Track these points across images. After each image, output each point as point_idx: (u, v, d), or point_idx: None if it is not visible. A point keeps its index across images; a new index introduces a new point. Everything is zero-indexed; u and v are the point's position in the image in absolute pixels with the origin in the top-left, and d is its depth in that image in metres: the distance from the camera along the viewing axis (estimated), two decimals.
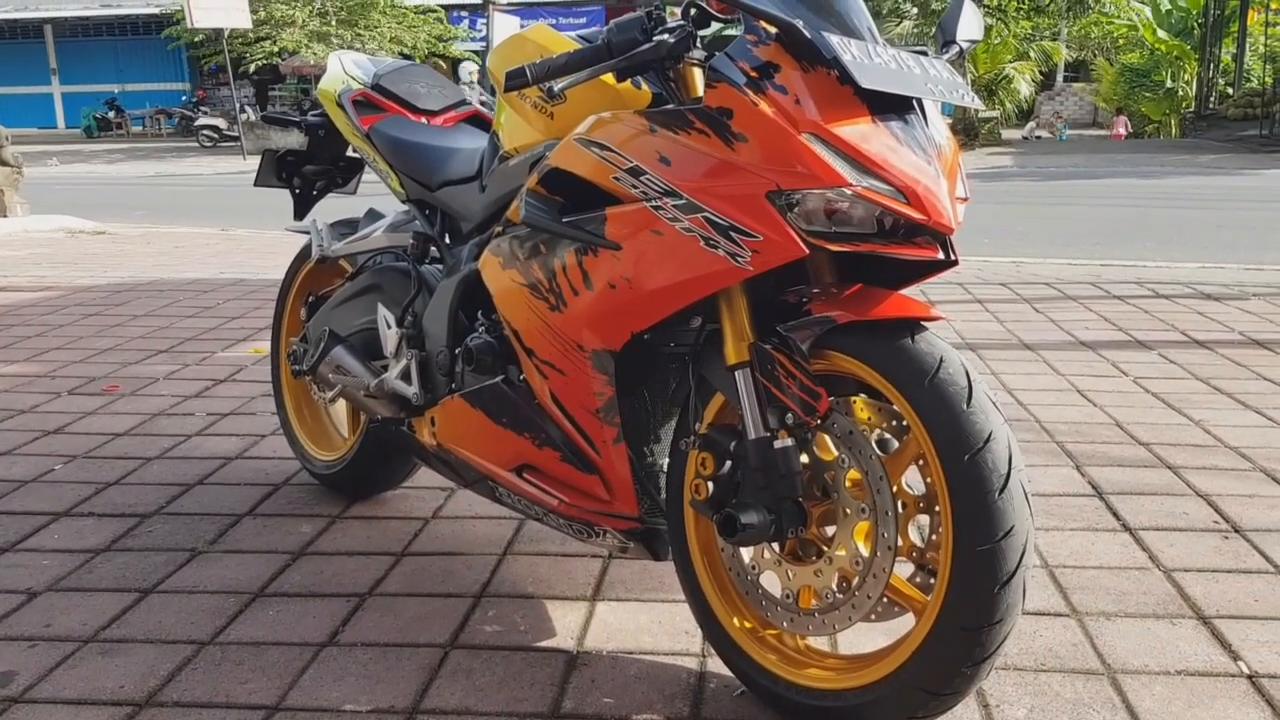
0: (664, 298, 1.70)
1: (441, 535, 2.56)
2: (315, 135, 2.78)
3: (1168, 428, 3.25)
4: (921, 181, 1.56)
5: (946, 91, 1.63)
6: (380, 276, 2.46)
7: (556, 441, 1.94)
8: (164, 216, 10.73)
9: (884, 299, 1.64)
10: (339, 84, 2.56)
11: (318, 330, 2.52)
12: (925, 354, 1.57)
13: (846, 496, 1.65)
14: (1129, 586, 2.22)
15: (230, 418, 3.50)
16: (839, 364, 1.65)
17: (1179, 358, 4.14)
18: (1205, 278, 5.94)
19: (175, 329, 4.87)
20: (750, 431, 1.67)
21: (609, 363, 1.81)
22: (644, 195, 1.68)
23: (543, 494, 2.00)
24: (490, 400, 2.04)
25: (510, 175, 2.06)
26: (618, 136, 1.72)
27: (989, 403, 1.55)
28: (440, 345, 2.18)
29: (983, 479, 1.50)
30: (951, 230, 1.59)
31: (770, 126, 1.56)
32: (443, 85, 2.62)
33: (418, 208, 2.41)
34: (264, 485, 2.90)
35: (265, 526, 2.63)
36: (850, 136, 1.55)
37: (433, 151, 2.37)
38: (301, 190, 2.88)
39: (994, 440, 1.52)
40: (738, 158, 1.58)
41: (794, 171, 1.55)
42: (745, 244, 1.58)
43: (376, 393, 2.31)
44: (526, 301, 1.91)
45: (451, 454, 2.19)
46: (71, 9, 30.76)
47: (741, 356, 1.69)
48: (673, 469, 1.88)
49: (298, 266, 2.88)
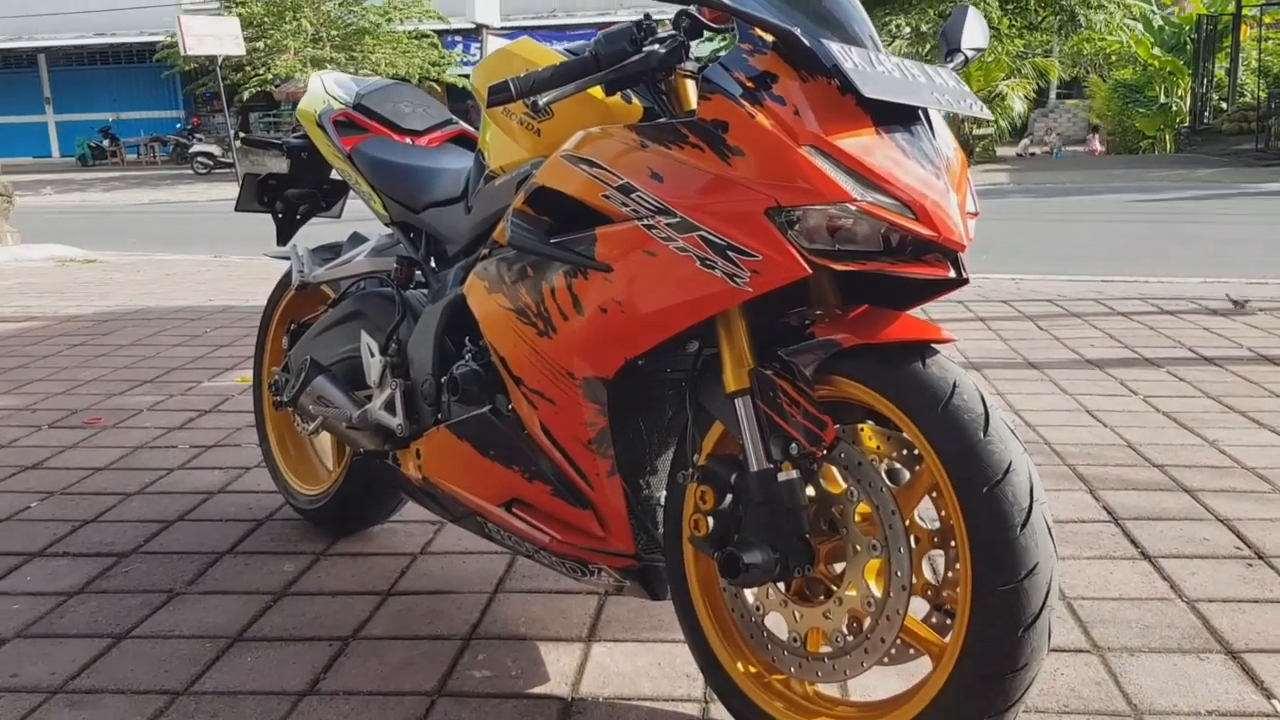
0: (658, 322, 1.60)
1: (430, 572, 2.45)
2: (297, 158, 2.69)
3: (1182, 448, 3.15)
4: (930, 196, 1.47)
5: (954, 101, 1.54)
6: (363, 303, 2.36)
7: (547, 475, 1.83)
8: (157, 244, 10.64)
9: (892, 321, 1.54)
10: (319, 104, 2.47)
11: (299, 359, 2.42)
12: (937, 379, 1.47)
13: (856, 532, 1.55)
14: (1152, 619, 2.11)
15: (214, 450, 3.39)
16: (845, 390, 1.55)
17: (1188, 375, 4.04)
18: (1208, 293, 5.85)
19: (161, 358, 4.76)
20: (752, 463, 1.57)
21: (601, 391, 1.71)
22: (635, 214, 1.58)
23: (533, 530, 1.90)
24: (477, 431, 1.94)
25: (496, 195, 1.96)
26: (607, 152, 1.63)
27: (1007, 431, 1.45)
28: (425, 374, 2.08)
29: (1003, 513, 1.40)
30: (963, 247, 1.49)
31: (768, 139, 1.46)
32: (427, 104, 2.53)
33: (402, 231, 2.31)
34: (247, 521, 2.79)
35: (246, 565, 2.52)
36: (853, 149, 1.45)
37: (417, 172, 2.27)
38: (284, 215, 2.78)
39: (1014, 471, 1.41)
40: (734, 172, 1.49)
41: (794, 186, 1.45)
42: (744, 264, 1.48)
43: (359, 424, 2.20)
44: (514, 327, 1.81)
45: (438, 488, 2.09)
46: (65, 38, 30.76)
47: (741, 383, 1.59)
48: (670, 503, 1.77)
49: (280, 294, 2.78)
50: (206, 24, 21.20)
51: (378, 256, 2.35)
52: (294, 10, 23.65)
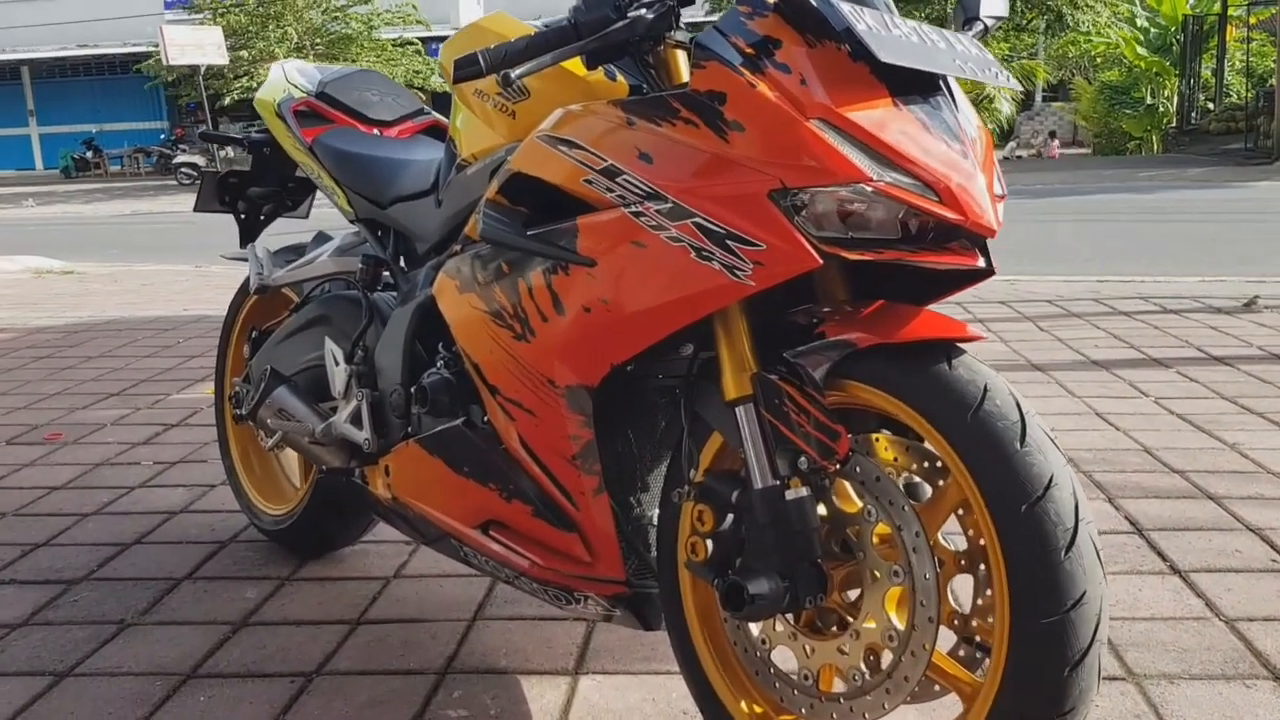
0: (649, 322, 1.42)
1: (403, 598, 2.26)
2: (259, 153, 2.51)
3: (1201, 453, 2.98)
4: (955, 175, 1.29)
5: (978, 70, 1.36)
6: (327, 307, 2.18)
7: (527, 493, 1.65)
8: (138, 255, 10.41)
9: (912, 317, 1.36)
10: (279, 92, 2.29)
11: (259, 369, 2.24)
12: (966, 382, 1.29)
13: (875, 556, 1.37)
14: (1189, 641, 1.94)
15: (178, 466, 3.20)
16: (859, 396, 1.38)
17: (1199, 375, 3.88)
18: (1209, 291, 5.71)
19: (130, 370, 4.57)
20: (756, 479, 1.39)
21: (586, 400, 1.53)
22: (622, 200, 1.40)
23: (512, 554, 1.72)
24: (449, 446, 1.76)
25: (468, 185, 1.78)
26: (589, 132, 1.45)
27: (1047, 440, 1.27)
28: (394, 383, 1.90)
29: (1045, 535, 1.22)
30: (993, 232, 1.32)
31: (771, 112, 1.29)
32: (397, 93, 2.35)
33: (368, 228, 2.13)
34: (208, 543, 2.60)
35: (205, 592, 2.33)
36: (868, 122, 1.28)
37: (383, 164, 2.09)
38: (247, 215, 2.60)
39: (1056, 486, 1.24)
40: (733, 150, 1.31)
41: (801, 165, 1.28)
42: (745, 254, 1.30)
43: (323, 439, 2.02)
44: (488, 330, 1.63)
45: (408, 508, 1.90)
46: (48, 50, 30.49)
47: (743, 390, 1.41)
48: (664, 523, 1.59)
49: (241, 299, 2.60)
50: (189, 34, 21.02)
51: (342, 256, 2.17)
52: (277, 19, 23.44)
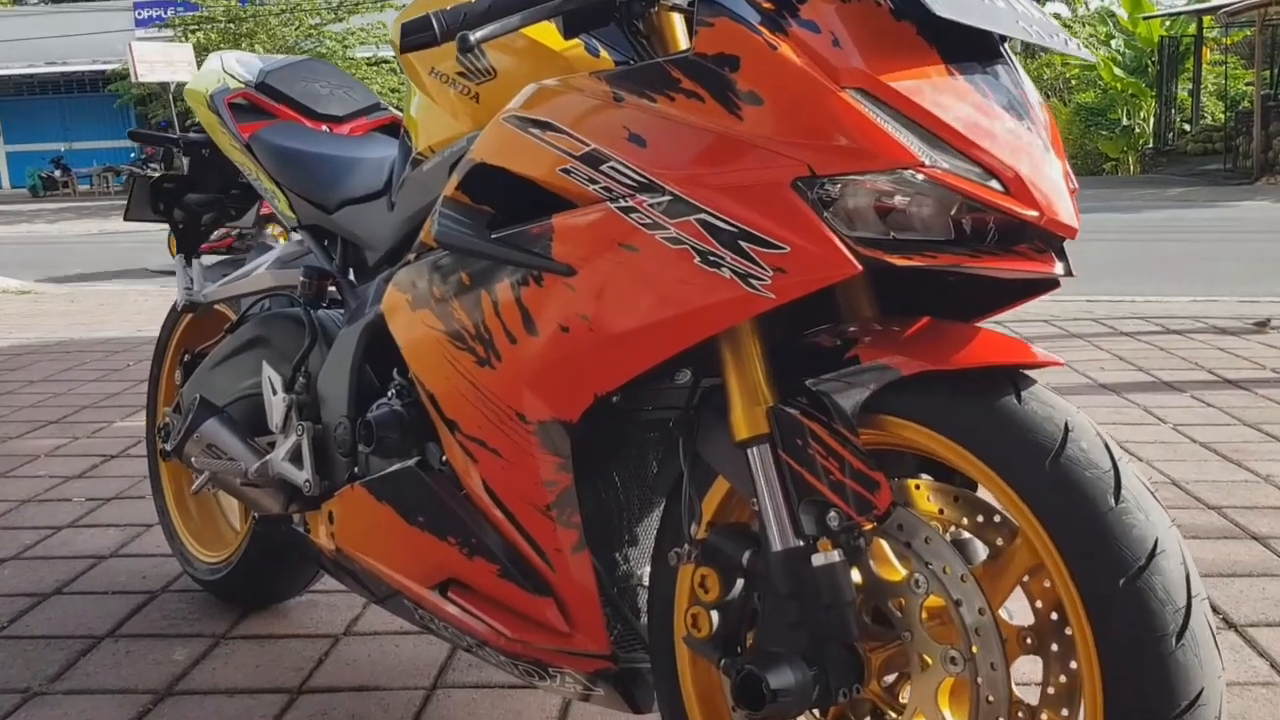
0: (641, 344, 1.16)
1: (353, 660, 1.97)
2: (198, 155, 2.23)
3: (1234, 486, 2.74)
4: (1025, 160, 1.04)
5: (1044, 34, 1.11)
6: (266, 327, 1.90)
7: (492, 549, 1.38)
8: (103, 274, 10.08)
9: (967, 338, 1.10)
10: (213, 82, 2.01)
11: (190, 398, 1.95)
12: (1042, 419, 1.03)
13: (924, 637, 1.10)
14: (1260, 711, 1.68)
15: (113, 503, 2.90)
16: (900, 434, 1.11)
17: (1215, 400, 3.65)
18: (1204, 311, 5.50)
19: (73, 395, 4.25)
20: (774, 538, 1.13)
21: (563, 438, 1.26)
22: (608, 193, 1.14)
23: (474, 620, 1.43)
24: (401, 491, 1.48)
25: (425, 183, 1.51)
26: (568, 110, 1.18)
27: (1147, 494, 1.01)
28: (340, 415, 1.62)
29: (1149, 617, 0.96)
30: (1074, 231, 1.06)
31: (796, 80, 1.03)
32: (350, 86, 2.08)
33: (313, 236, 1.85)
34: (137, 594, 2.30)
35: (128, 653, 2.03)
36: (915, 93, 1.02)
37: (330, 163, 1.82)
38: (185, 225, 2.31)
39: (1162, 554, 0.98)
40: (748, 129, 1.05)
41: (833, 146, 1.02)
42: (764, 259, 1.04)
43: (258, 479, 1.74)
44: (446, 354, 1.36)
45: (355, 561, 1.62)
46: (16, 67, 30.01)
47: (757, 427, 1.14)
48: (658, 588, 1.32)
49: (176, 318, 2.32)
50: (159, 50, 20.59)
51: (284, 269, 1.89)
52: (249, 36, 23.12)
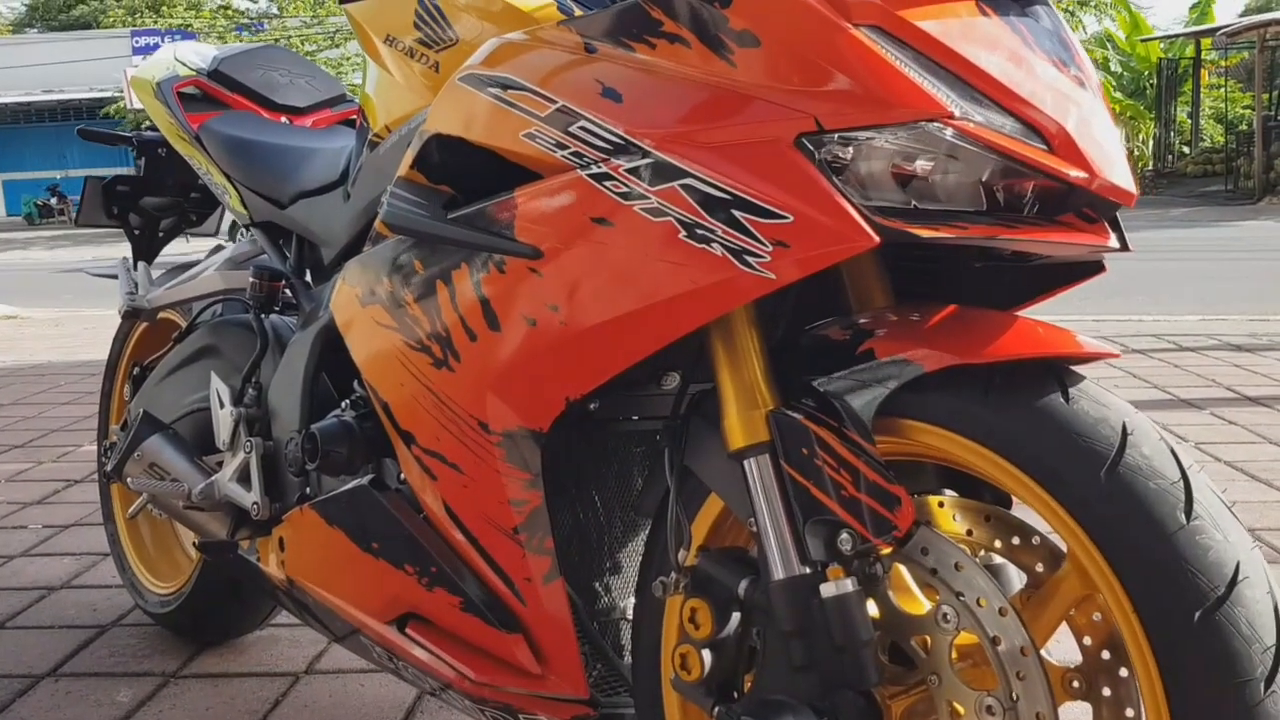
0: (619, 338, 0.99)
1: (314, 702, 1.79)
2: (153, 154, 2.07)
3: (1265, 506, 2.58)
4: (1073, 114, 0.88)
5: None
6: (215, 335, 1.73)
7: (454, 578, 1.20)
8: (93, 300, 9.93)
9: (1003, 328, 0.93)
10: (161, 71, 1.85)
11: (135, 413, 1.78)
12: (1095, 422, 0.86)
13: (955, 681, 0.92)
14: None
15: (70, 531, 2.72)
16: (923, 442, 0.95)
17: (1238, 418, 3.48)
18: (1214, 330, 5.34)
19: (43, 419, 4.09)
20: (775, 565, 0.96)
21: (532, 451, 1.09)
22: (579, 159, 0.97)
23: (436, 661, 1.26)
24: (353, 513, 1.31)
25: (381, 167, 1.35)
26: (533, 66, 1.02)
27: (1224, 509, 0.84)
28: (291, 430, 1.45)
29: (1232, 658, 0.79)
30: (1131, 197, 0.89)
31: (800, 16, 0.87)
32: (311, 74, 1.92)
33: (265, 234, 1.69)
34: (85, 628, 2.12)
35: (68, 693, 1.85)
36: (941, 31, 0.86)
37: (284, 154, 1.66)
38: (142, 230, 2.15)
39: (1245, 582, 0.80)
40: (742, 77, 0.89)
41: (845, 94, 0.85)
42: (762, 231, 0.87)
43: (203, 501, 1.57)
44: (399, 356, 1.19)
45: (308, 594, 1.45)
46: (13, 95, 30.01)
47: (755, 435, 0.97)
48: (642, 623, 1.15)
49: (129, 328, 2.15)
50: None
51: (234, 270, 1.73)
52: None
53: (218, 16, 24.29)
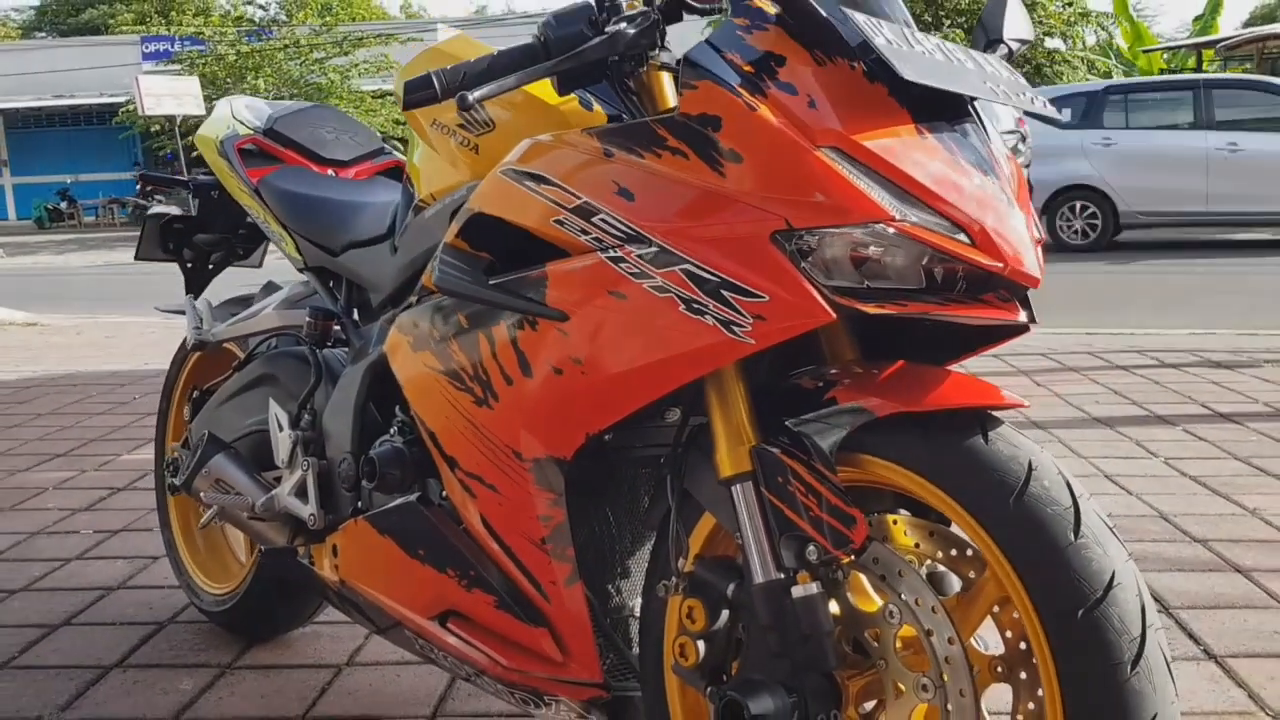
0: (630, 385, 1.22)
1: (356, 690, 2.02)
2: (206, 196, 2.30)
3: (1221, 519, 2.79)
4: (990, 213, 1.11)
5: (1010, 93, 1.18)
6: (272, 365, 1.96)
7: (490, 581, 1.44)
8: (108, 306, 10.16)
9: (938, 381, 1.17)
10: (223, 128, 2.09)
11: (199, 434, 2.02)
12: (1007, 459, 1.09)
13: (898, 665, 1.16)
14: None
15: (120, 535, 2.95)
16: (875, 473, 1.18)
17: (1207, 434, 3.70)
18: (1202, 344, 5.55)
19: (80, 428, 4.31)
20: (756, 571, 1.19)
21: (557, 475, 1.32)
22: (598, 244, 1.21)
23: (472, 650, 1.49)
24: (402, 525, 1.54)
25: (426, 229, 1.58)
26: (561, 165, 1.25)
27: (1106, 529, 1.07)
28: (344, 451, 1.69)
29: (1106, 646, 1.02)
30: (1036, 281, 1.12)
31: (775, 139, 1.10)
32: (355, 130, 2.16)
33: (318, 278, 1.92)
34: (144, 624, 2.35)
35: (135, 683, 2.08)
36: (887, 151, 1.09)
37: (336, 207, 1.89)
38: (194, 264, 2.39)
39: (1119, 586, 1.03)
40: (729, 185, 1.12)
41: (810, 202, 1.08)
42: (744, 307, 1.11)
43: (265, 513, 1.80)
44: (445, 394, 1.42)
45: (358, 593, 1.68)
46: (24, 100, 30.28)
47: (740, 465, 1.20)
48: (648, 619, 1.38)
49: (184, 355, 2.38)
50: (166, 84, 20.88)
51: (290, 309, 1.96)
52: (255, 70, 23.38)
53: (226, 23, 24.58)
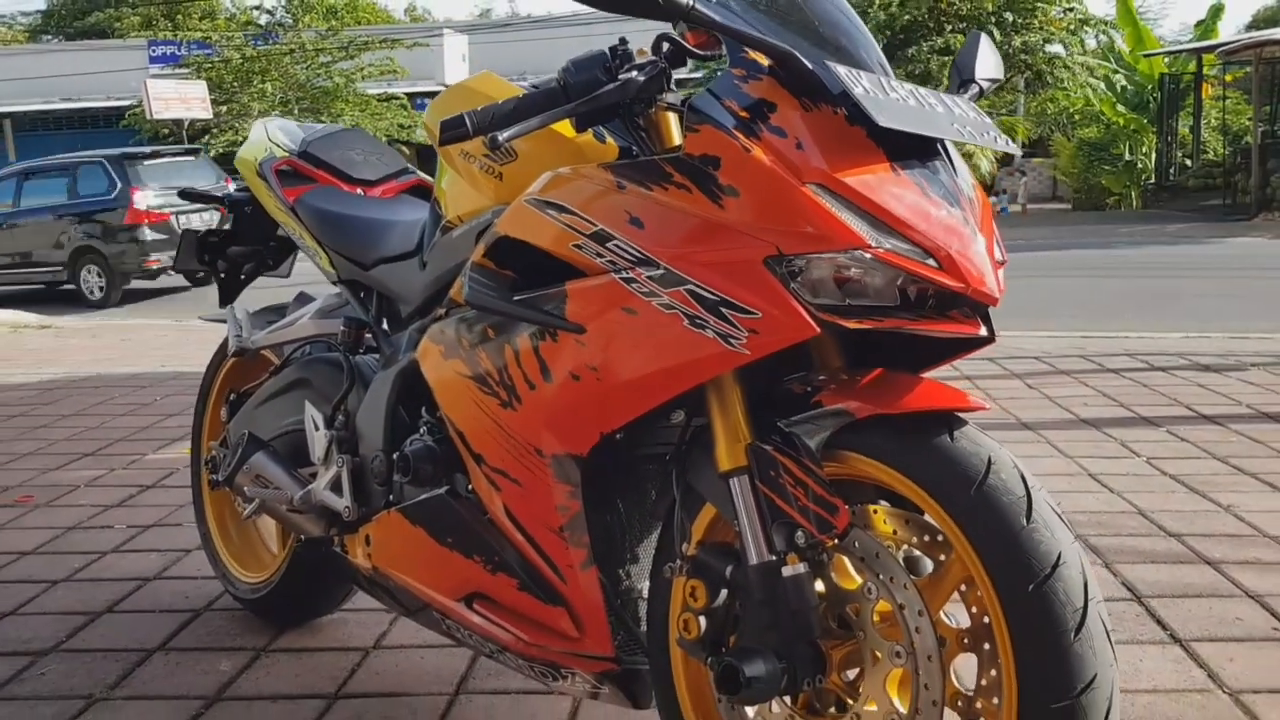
0: (640, 390, 1.38)
1: (383, 670, 2.19)
2: (240, 212, 2.47)
3: (1196, 515, 2.94)
4: (954, 240, 1.26)
5: (976, 134, 1.34)
6: (308, 370, 2.13)
7: (512, 566, 1.60)
8: (118, 309, 10.37)
9: (911, 387, 1.32)
10: (260, 151, 2.25)
11: (237, 433, 2.18)
12: (969, 454, 1.25)
13: (875, 635, 1.32)
14: (1193, 715, 1.89)
15: (153, 530, 3.12)
16: (857, 468, 1.33)
17: (1190, 435, 3.85)
18: (1193, 348, 5.70)
19: (105, 429, 4.48)
20: (751, 554, 1.34)
21: (574, 470, 1.48)
22: (612, 265, 1.37)
23: (496, 629, 1.65)
24: (432, 516, 1.70)
25: (454, 248, 1.74)
26: (579, 195, 1.41)
27: (1054, 515, 1.23)
28: (376, 449, 1.85)
29: (1053, 616, 1.18)
30: (995, 300, 1.28)
31: (767, 177, 1.26)
32: (380, 152, 2.32)
33: (350, 289, 2.09)
34: (182, 612, 2.52)
35: (178, 664, 2.25)
36: (865, 187, 1.25)
37: (367, 225, 2.05)
38: (227, 274, 2.55)
39: (1064, 565, 1.19)
40: (727, 216, 1.28)
41: (798, 231, 1.24)
42: (740, 322, 1.27)
43: (302, 506, 1.96)
44: (473, 397, 1.58)
45: (389, 579, 1.84)
46: (32, 103, 30.49)
47: (737, 461, 1.36)
48: (654, 598, 1.54)
49: (219, 360, 2.54)
50: (173, 88, 21.06)
51: (324, 318, 2.12)
52: (262, 74, 23.57)
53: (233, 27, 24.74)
